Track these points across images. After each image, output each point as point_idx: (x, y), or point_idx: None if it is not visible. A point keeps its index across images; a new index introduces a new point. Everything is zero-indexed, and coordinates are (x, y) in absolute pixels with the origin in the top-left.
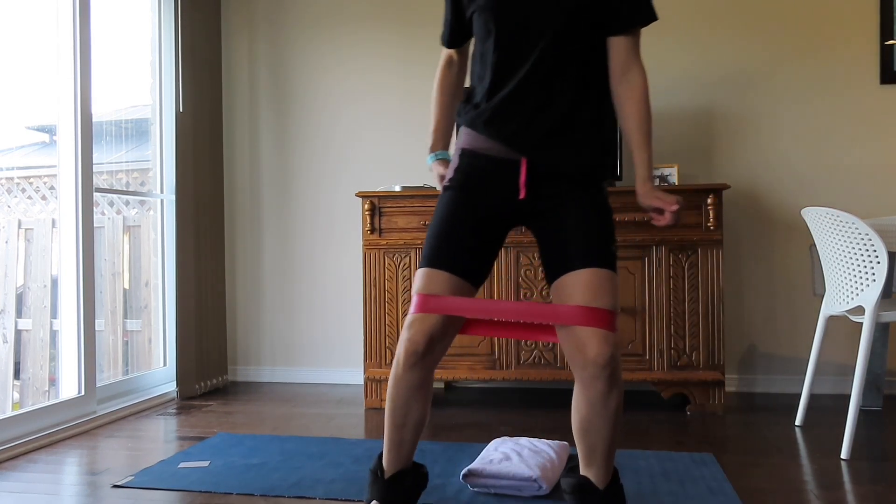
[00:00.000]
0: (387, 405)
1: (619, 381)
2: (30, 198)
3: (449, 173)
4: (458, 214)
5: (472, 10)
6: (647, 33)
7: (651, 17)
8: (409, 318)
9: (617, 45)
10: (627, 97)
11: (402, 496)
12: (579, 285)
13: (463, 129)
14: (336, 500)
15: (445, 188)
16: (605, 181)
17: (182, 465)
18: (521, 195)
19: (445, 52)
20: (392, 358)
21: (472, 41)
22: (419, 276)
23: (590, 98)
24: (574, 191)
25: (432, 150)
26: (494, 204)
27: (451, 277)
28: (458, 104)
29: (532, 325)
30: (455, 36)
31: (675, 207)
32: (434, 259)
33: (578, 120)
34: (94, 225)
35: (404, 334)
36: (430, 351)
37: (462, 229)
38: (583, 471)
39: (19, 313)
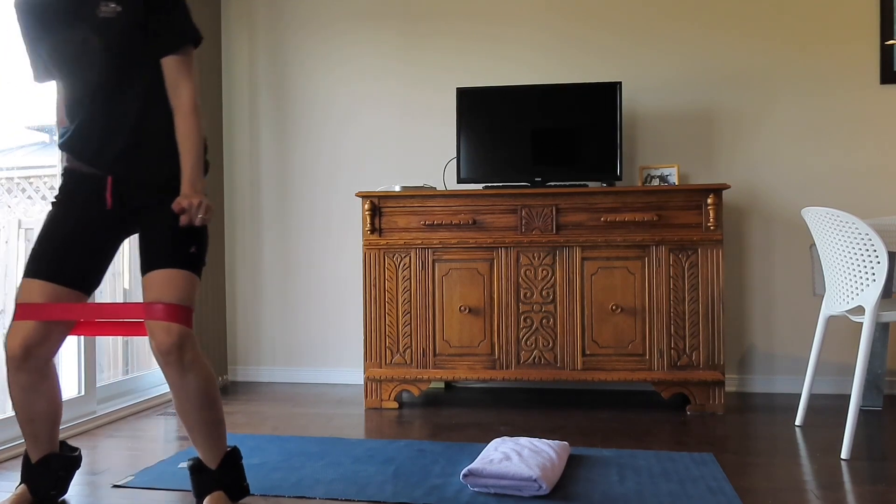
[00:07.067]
0: (12, 403)
1: (194, 366)
2: (30, 198)
3: (57, 192)
4: (58, 228)
5: (40, 51)
6: (648, 33)
7: (189, 38)
8: (9, 326)
9: (165, 65)
10: (176, 111)
11: (50, 478)
12: (153, 283)
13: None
14: (336, 500)
15: (52, 204)
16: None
17: (182, 465)
18: (108, 206)
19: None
20: (392, 358)
21: None
22: (20, 286)
23: (157, 114)
24: (162, 199)
25: None
26: (91, 216)
27: (48, 285)
28: None
29: (131, 323)
30: (42, 74)
31: (178, 208)
32: (34, 270)
33: (149, 135)
34: None
35: (5, 342)
36: (28, 356)
37: (59, 242)
38: (197, 452)
39: None
